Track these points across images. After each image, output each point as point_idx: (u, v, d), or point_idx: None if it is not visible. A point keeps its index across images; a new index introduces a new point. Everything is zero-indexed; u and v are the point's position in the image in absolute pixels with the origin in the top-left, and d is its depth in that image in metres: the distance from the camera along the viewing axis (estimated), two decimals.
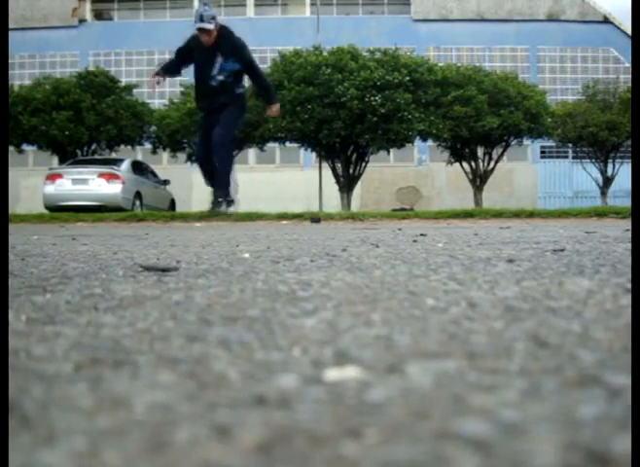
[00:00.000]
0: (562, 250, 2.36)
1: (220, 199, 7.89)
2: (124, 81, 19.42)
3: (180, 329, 0.94)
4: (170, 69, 7.95)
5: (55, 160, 18.70)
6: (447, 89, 15.82)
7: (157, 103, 21.13)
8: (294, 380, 0.65)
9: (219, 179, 7.80)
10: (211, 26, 7.35)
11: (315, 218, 9.29)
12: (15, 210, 18.84)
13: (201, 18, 7.34)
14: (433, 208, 18.09)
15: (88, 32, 26.42)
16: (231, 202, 8.03)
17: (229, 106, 7.70)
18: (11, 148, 17.27)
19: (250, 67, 7.70)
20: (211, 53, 7.52)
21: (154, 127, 17.55)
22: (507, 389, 0.61)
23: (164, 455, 0.46)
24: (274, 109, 7.97)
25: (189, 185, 24.32)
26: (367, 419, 0.53)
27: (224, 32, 7.55)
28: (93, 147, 18.00)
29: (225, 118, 7.66)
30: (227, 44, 7.51)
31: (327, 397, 0.60)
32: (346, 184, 16.67)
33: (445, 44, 25.90)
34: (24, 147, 18.08)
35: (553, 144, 20.66)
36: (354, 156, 16.56)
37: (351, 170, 16.68)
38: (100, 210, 13.77)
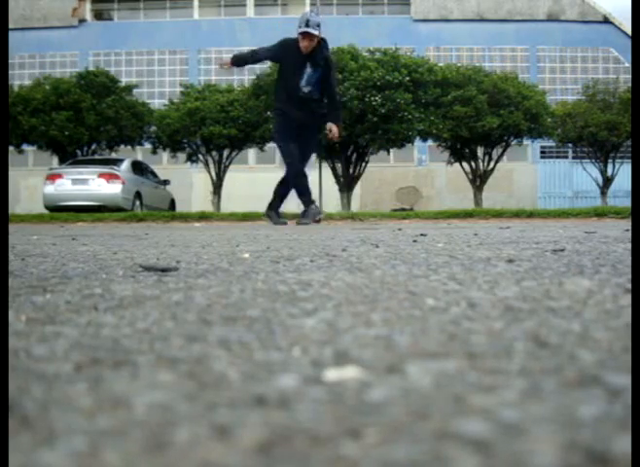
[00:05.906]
0: (562, 250, 2.36)
1: (313, 206, 7.93)
2: (124, 81, 19.43)
3: (180, 329, 0.94)
4: (241, 63, 7.84)
5: (55, 160, 18.72)
6: (447, 89, 15.82)
7: (157, 103, 21.13)
8: (294, 380, 0.65)
9: (299, 188, 7.97)
10: (317, 32, 7.40)
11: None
12: (15, 210, 18.87)
13: (307, 24, 7.37)
14: (433, 208, 18.11)
15: (88, 32, 26.42)
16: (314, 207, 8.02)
17: (316, 128, 7.92)
18: (11, 148, 17.28)
19: (331, 84, 7.68)
20: (303, 61, 7.52)
21: (154, 127, 17.56)
22: (507, 389, 0.61)
23: (164, 455, 0.46)
24: (336, 130, 7.83)
25: (189, 185, 24.34)
26: (367, 419, 0.53)
27: (324, 45, 7.58)
28: (93, 147, 18.01)
29: (313, 142, 8.03)
30: (321, 56, 7.53)
31: (327, 397, 0.59)
32: (346, 184, 16.67)
33: (445, 44, 25.91)
34: (24, 147, 18.09)
35: (553, 144, 20.67)
36: (354, 156, 16.55)
37: (351, 170, 16.67)
38: (100, 210, 13.78)
